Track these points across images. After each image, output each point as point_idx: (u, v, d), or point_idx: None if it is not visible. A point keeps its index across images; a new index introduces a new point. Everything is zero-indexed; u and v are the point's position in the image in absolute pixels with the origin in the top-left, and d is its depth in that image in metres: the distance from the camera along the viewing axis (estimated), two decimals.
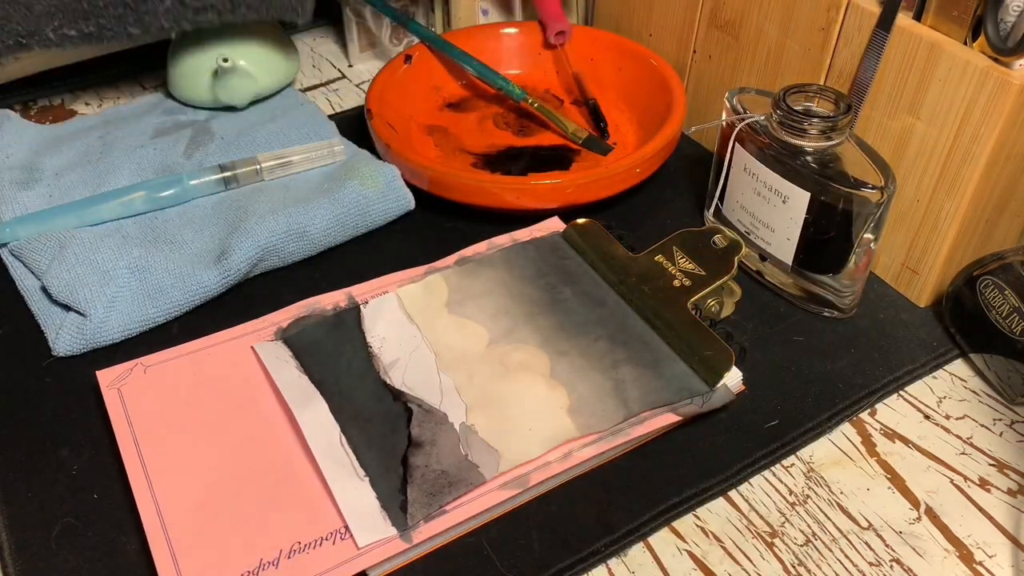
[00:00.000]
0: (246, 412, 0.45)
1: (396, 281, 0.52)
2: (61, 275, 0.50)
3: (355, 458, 0.42)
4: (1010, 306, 0.47)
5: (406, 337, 0.48)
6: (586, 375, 0.46)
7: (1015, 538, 0.42)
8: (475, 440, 0.43)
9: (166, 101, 0.68)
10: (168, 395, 0.46)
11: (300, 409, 0.44)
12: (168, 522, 0.40)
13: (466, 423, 0.44)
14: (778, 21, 0.56)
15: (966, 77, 0.46)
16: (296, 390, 0.45)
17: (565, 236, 0.55)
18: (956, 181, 0.48)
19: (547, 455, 0.43)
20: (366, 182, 0.57)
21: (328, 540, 0.39)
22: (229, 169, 0.58)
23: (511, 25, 0.71)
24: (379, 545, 0.39)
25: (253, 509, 0.41)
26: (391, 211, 0.57)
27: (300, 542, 0.39)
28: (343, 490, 0.41)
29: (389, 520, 0.40)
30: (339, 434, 0.43)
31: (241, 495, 0.41)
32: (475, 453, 0.42)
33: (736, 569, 0.41)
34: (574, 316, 0.49)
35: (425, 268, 0.53)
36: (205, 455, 0.43)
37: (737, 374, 0.46)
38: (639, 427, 0.44)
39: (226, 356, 0.48)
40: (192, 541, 0.39)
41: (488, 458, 0.42)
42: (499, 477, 0.42)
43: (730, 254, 0.51)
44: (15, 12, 0.55)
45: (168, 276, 0.51)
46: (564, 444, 0.43)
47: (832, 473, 0.45)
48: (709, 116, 0.65)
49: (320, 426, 0.43)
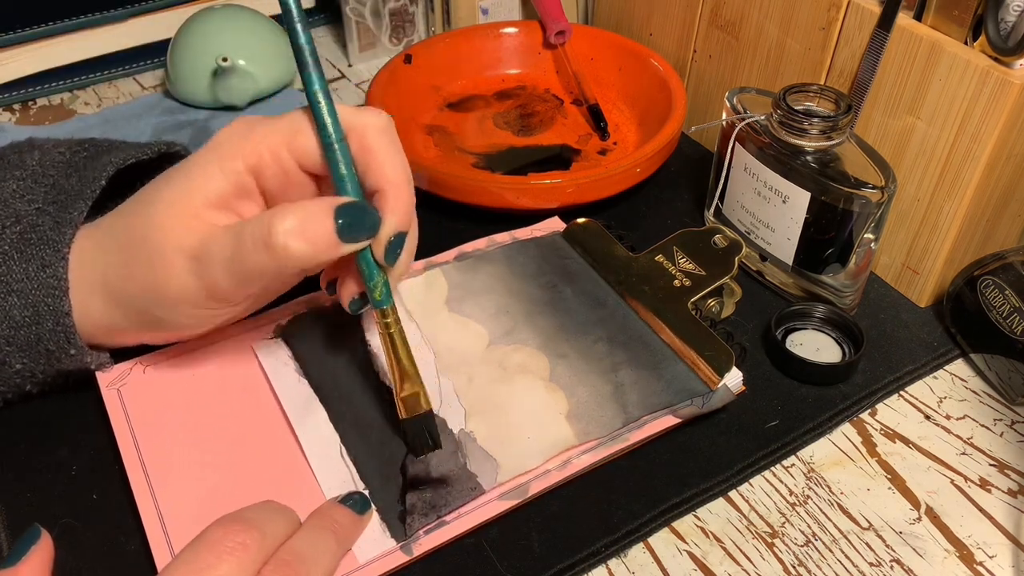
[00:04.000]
0: (246, 411, 0.45)
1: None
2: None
3: (355, 471, 0.42)
4: (1011, 306, 0.47)
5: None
6: (585, 378, 0.46)
7: (1015, 538, 0.42)
8: (474, 448, 0.42)
9: (166, 101, 0.68)
10: (168, 395, 0.45)
11: (299, 421, 0.44)
12: (168, 522, 0.40)
13: (465, 429, 0.43)
14: (778, 21, 0.56)
15: (966, 77, 0.46)
16: (296, 398, 0.45)
17: (566, 235, 0.55)
18: (956, 181, 0.48)
19: (546, 464, 0.42)
20: None
21: None
22: None
23: (511, 25, 0.71)
24: (380, 556, 0.39)
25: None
26: None
27: None
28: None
29: (388, 532, 0.39)
30: (339, 445, 0.43)
31: (241, 496, 0.41)
32: (474, 462, 0.42)
33: (736, 569, 0.41)
34: (574, 316, 0.49)
35: (424, 263, 0.53)
36: (205, 455, 0.43)
37: (737, 374, 0.46)
38: (638, 431, 0.44)
39: (226, 355, 0.47)
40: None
41: (487, 467, 0.42)
42: (498, 487, 0.41)
43: (730, 254, 0.51)
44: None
45: None
46: (563, 452, 0.43)
47: (832, 473, 0.45)
48: (709, 116, 0.65)
49: (320, 439, 0.43)
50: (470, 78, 0.70)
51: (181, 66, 0.65)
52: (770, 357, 0.49)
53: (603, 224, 0.54)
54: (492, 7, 0.75)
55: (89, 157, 0.46)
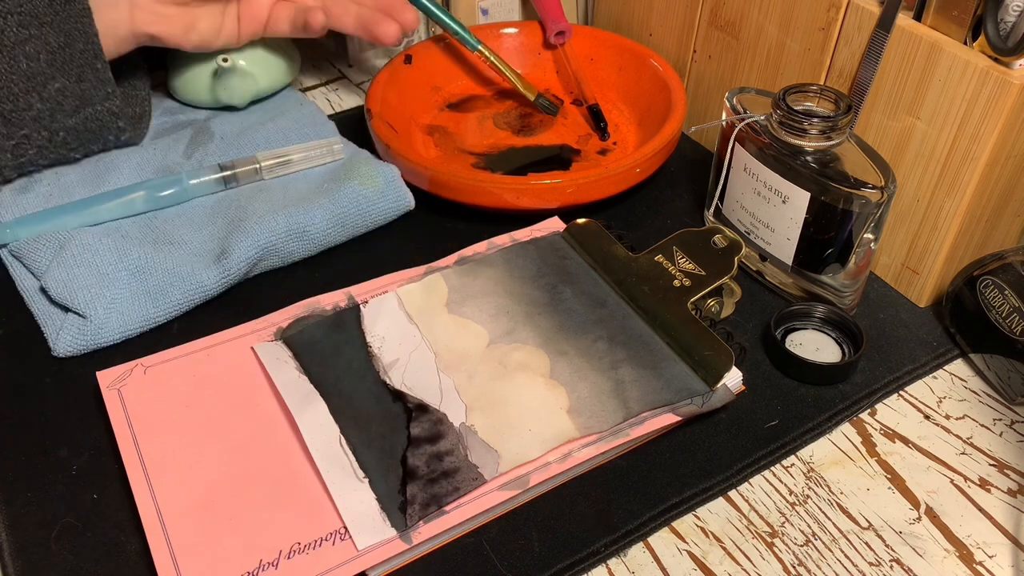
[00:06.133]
0: (246, 412, 0.45)
1: (395, 281, 0.52)
2: (60, 276, 0.50)
3: (354, 459, 0.42)
4: (1010, 306, 0.47)
5: (406, 337, 0.48)
6: (586, 375, 0.46)
7: (1015, 538, 0.42)
8: (475, 441, 0.43)
9: (166, 101, 0.68)
10: (168, 395, 0.45)
11: (299, 410, 0.44)
12: (168, 522, 0.40)
13: (466, 423, 0.44)
14: (778, 21, 0.56)
15: (966, 77, 0.46)
16: (295, 391, 0.45)
17: (565, 236, 0.55)
18: (956, 181, 0.48)
19: (547, 456, 0.43)
20: (366, 182, 0.57)
21: (328, 541, 0.39)
22: (229, 168, 0.58)
23: (511, 25, 0.71)
24: (379, 546, 0.39)
25: (253, 509, 0.41)
26: (391, 211, 0.57)
27: (300, 543, 0.39)
28: (342, 492, 0.41)
29: (388, 522, 0.40)
30: (338, 435, 0.43)
31: (241, 495, 0.41)
32: (475, 454, 0.42)
33: (736, 569, 0.41)
34: (574, 316, 0.49)
35: (424, 268, 0.53)
36: (205, 455, 0.43)
37: (737, 374, 0.46)
38: (639, 427, 0.44)
39: (226, 356, 0.48)
40: (192, 541, 0.39)
41: (488, 458, 0.42)
42: (499, 478, 0.41)
43: (730, 254, 0.51)
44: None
45: (167, 276, 0.51)
46: (564, 445, 0.43)
47: (832, 473, 0.45)
48: (709, 116, 0.65)
49: (319, 427, 0.43)
50: (470, 79, 0.70)
51: (181, 66, 0.65)
52: (770, 357, 0.50)
53: (603, 224, 0.54)
54: (492, 7, 0.75)
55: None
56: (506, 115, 0.67)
